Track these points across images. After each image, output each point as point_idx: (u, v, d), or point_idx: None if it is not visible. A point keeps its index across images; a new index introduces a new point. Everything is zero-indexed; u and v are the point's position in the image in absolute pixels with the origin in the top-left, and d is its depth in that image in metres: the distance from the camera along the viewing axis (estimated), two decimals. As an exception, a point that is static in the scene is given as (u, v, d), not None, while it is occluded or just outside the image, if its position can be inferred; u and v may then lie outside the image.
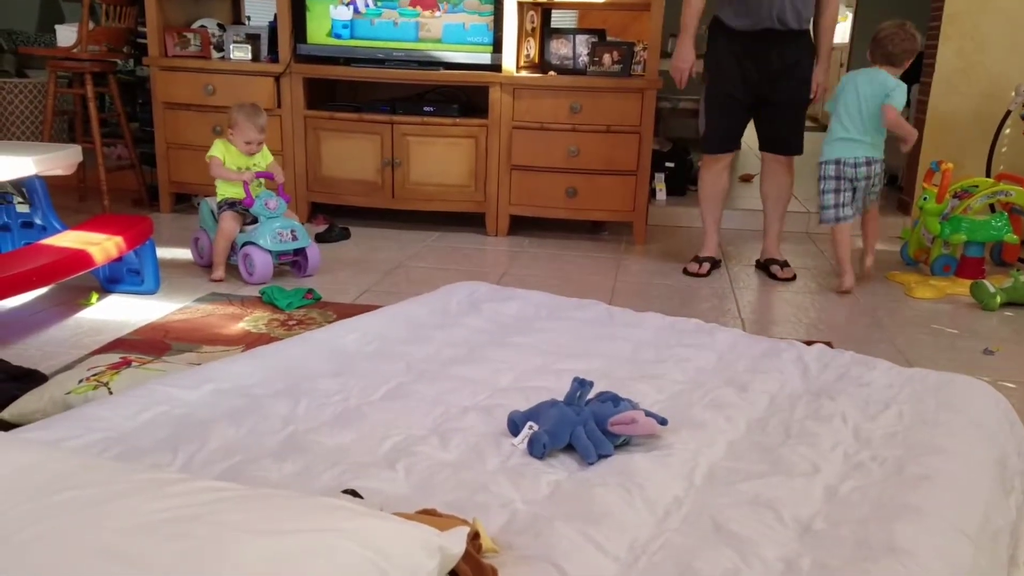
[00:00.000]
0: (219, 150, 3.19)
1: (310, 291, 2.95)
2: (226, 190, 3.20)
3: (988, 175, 3.95)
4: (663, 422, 1.43)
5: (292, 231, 3.12)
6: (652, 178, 4.23)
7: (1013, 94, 3.95)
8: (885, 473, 1.38)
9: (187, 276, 3.16)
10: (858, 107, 3.26)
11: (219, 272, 3.12)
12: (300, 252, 3.19)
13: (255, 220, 3.14)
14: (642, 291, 3.36)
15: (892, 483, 1.34)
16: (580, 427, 1.37)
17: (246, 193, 3.13)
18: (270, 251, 3.08)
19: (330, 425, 1.47)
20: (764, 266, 3.61)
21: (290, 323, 2.69)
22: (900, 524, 1.19)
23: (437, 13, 3.98)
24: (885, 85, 3.22)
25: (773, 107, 3.38)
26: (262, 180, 3.21)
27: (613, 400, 1.45)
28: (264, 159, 3.27)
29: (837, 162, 3.30)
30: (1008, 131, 4.08)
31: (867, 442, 1.51)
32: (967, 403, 1.67)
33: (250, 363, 1.74)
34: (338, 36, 4.06)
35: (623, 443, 1.40)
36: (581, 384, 1.46)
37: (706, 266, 3.53)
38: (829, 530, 1.21)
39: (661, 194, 4.64)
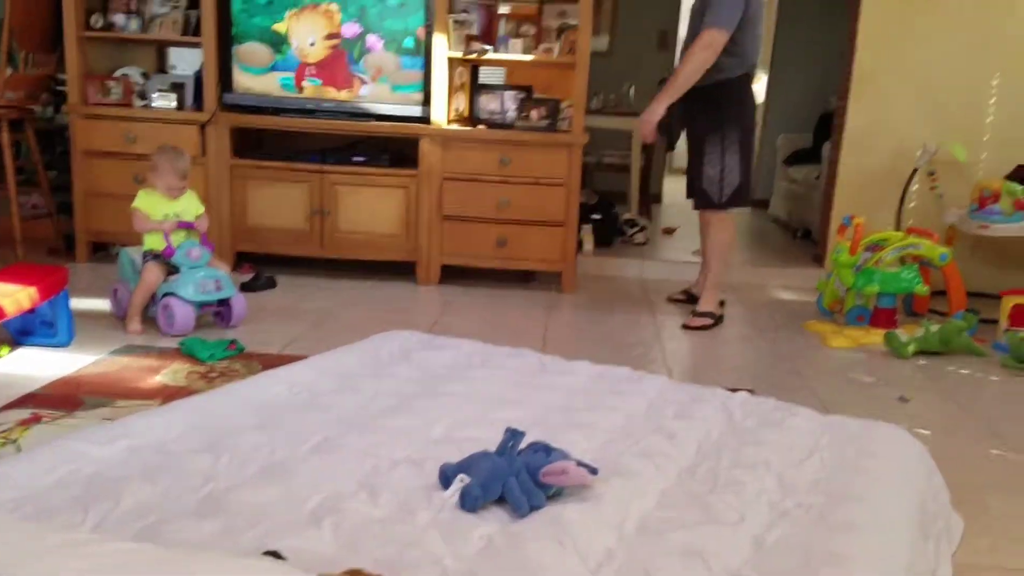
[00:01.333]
0: (142, 201, 3.11)
1: (233, 342, 2.87)
2: (151, 241, 3.10)
3: (898, 229, 4.15)
4: (594, 471, 1.43)
5: (216, 281, 3.04)
6: (579, 229, 4.31)
7: (919, 152, 4.18)
8: (810, 520, 1.41)
9: (102, 328, 3.05)
10: None
11: (135, 324, 3.01)
12: (225, 303, 3.12)
13: (179, 271, 3.05)
14: (573, 339, 3.39)
15: (817, 531, 1.36)
16: (512, 478, 1.36)
17: (166, 243, 3.05)
18: (192, 302, 2.99)
19: (253, 482, 1.42)
20: (691, 299, 3.84)
21: (211, 375, 2.61)
22: (827, 572, 1.21)
23: (362, 90, 4.01)
24: None
25: None
26: (186, 230, 3.12)
27: (545, 450, 1.45)
28: (192, 206, 3.18)
29: None
30: (915, 187, 4.31)
31: (792, 489, 1.53)
32: (886, 450, 1.73)
33: (167, 417, 1.67)
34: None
35: (555, 494, 1.40)
36: (513, 434, 1.45)
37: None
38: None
39: (588, 245, 4.72)
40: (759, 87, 9.00)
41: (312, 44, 3.98)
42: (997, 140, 4.36)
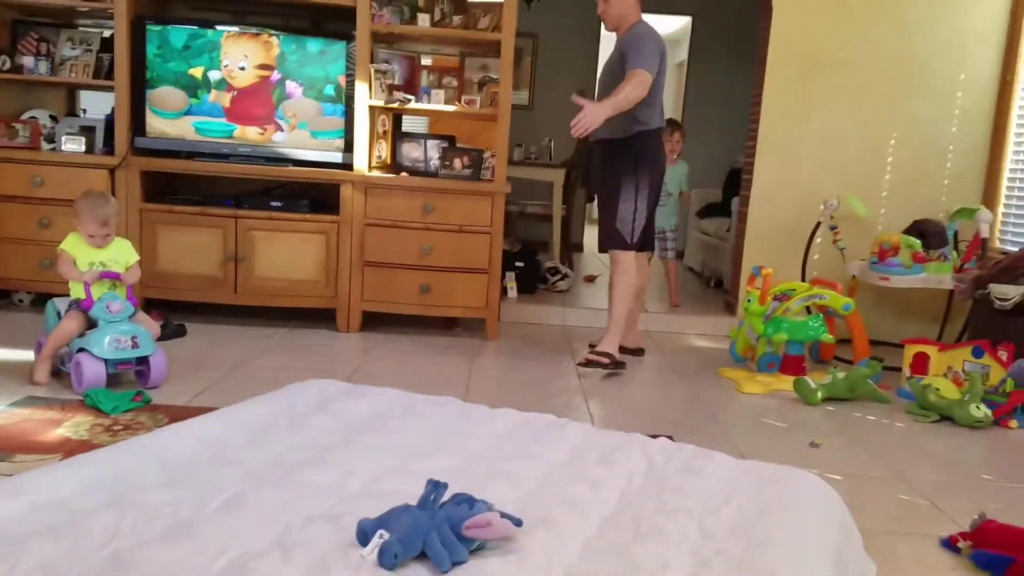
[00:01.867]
0: (70, 244, 2.92)
1: (139, 393, 2.75)
2: (75, 290, 2.92)
3: (803, 279, 4.31)
4: (518, 523, 1.41)
5: (133, 337, 2.85)
6: (503, 277, 4.34)
7: (822, 207, 4.37)
8: (730, 568, 1.42)
9: (2, 378, 2.88)
10: None
11: (40, 374, 2.84)
12: (144, 361, 2.92)
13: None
14: (496, 386, 3.37)
15: (739, 577, 1.37)
16: (434, 533, 1.33)
17: (86, 294, 2.87)
18: (104, 359, 2.81)
19: (159, 540, 1.35)
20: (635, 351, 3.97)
21: (115, 428, 2.49)
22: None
23: (281, 135, 3.98)
24: None
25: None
26: (112, 280, 2.94)
27: (468, 502, 1.42)
28: (123, 254, 3.00)
29: None
30: (819, 240, 4.50)
31: (712, 536, 1.55)
32: (801, 496, 1.76)
33: (69, 473, 1.58)
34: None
35: (478, 547, 1.37)
36: (435, 487, 1.42)
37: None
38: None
39: (512, 292, 4.75)
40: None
41: (243, 68, 3.92)
42: (895, 196, 4.61)
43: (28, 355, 2.98)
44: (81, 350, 2.83)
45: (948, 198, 4.59)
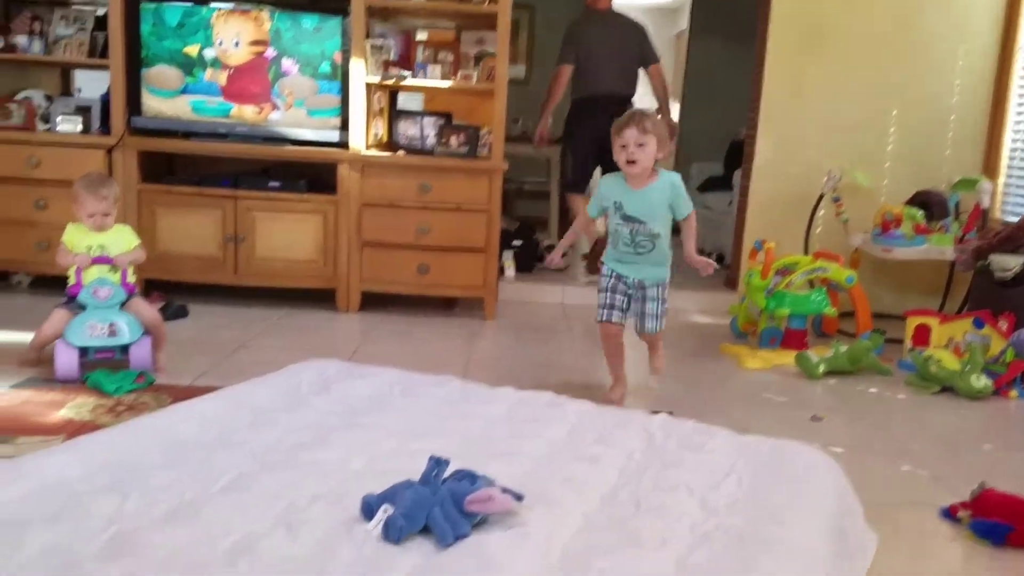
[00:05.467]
0: (68, 234, 2.85)
1: (142, 374, 2.75)
2: (73, 278, 2.86)
3: (806, 253, 4.30)
4: (519, 498, 1.42)
5: (110, 325, 2.75)
6: (501, 256, 4.32)
7: (825, 179, 4.35)
8: (730, 542, 1.42)
9: (2, 360, 2.88)
10: None
11: (27, 361, 2.79)
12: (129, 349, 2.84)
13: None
14: (495, 365, 3.38)
15: (737, 554, 1.38)
16: (437, 507, 1.34)
17: (76, 279, 2.81)
18: (79, 347, 2.73)
19: (162, 523, 1.36)
20: None
21: (119, 409, 2.49)
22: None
23: (278, 114, 3.96)
24: None
25: None
26: (107, 266, 2.85)
27: (469, 478, 1.43)
28: (122, 239, 2.90)
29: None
30: (822, 212, 4.48)
31: (712, 511, 1.55)
32: (801, 469, 1.77)
33: (70, 455, 1.59)
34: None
35: (480, 522, 1.38)
36: (437, 463, 1.43)
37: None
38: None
39: (510, 271, 4.74)
40: (676, 109, 9.28)
41: (236, 45, 3.89)
42: (897, 167, 4.59)
43: (28, 337, 2.97)
44: (61, 338, 2.75)
45: (950, 168, 4.56)
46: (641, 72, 4.70)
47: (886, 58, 4.50)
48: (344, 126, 3.95)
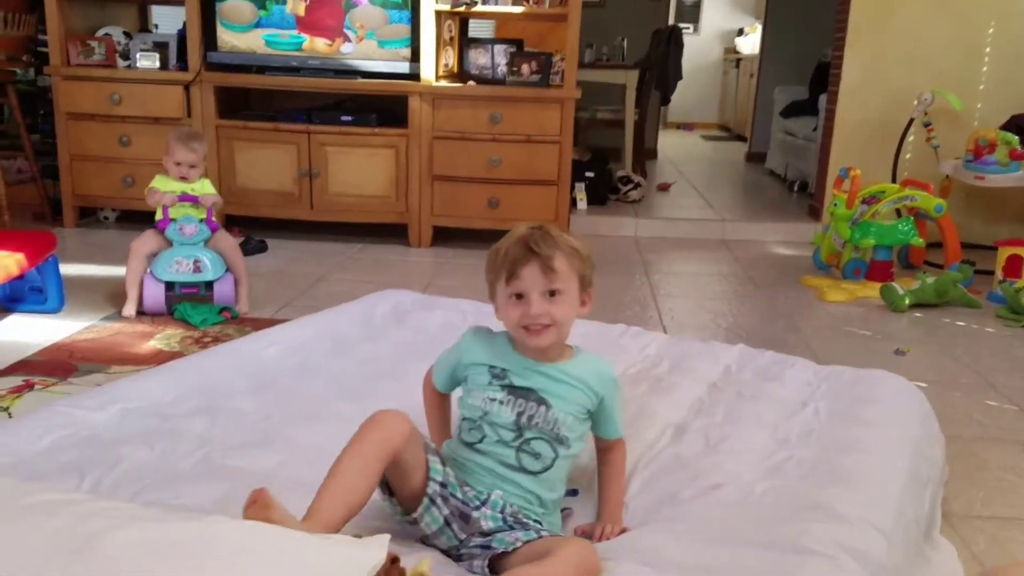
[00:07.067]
0: (157, 182, 2.92)
1: (226, 308, 2.84)
2: (160, 213, 2.92)
3: (894, 181, 4.12)
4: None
5: (195, 261, 2.83)
6: (573, 188, 4.26)
7: (915, 102, 4.13)
8: (801, 473, 1.40)
9: (93, 294, 3.01)
10: None
11: (129, 307, 2.82)
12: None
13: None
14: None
15: (807, 483, 1.35)
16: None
17: (163, 215, 2.89)
18: (164, 281, 2.81)
19: (249, 447, 1.41)
20: None
21: (205, 340, 2.59)
22: (814, 525, 1.20)
23: (349, 46, 3.93)
24: None
25: None
26: (189, 204, 2.91)
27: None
28: (206, 190, 2.96)
29: None
30: (912, 138, 4.27)
31: (784, 442, 1.53)
32: (882, 397, 1.72)
33: (160, 380, 1.66)
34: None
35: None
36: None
37: None
38: (743, 533, 1.21)
39: (582, 203, 4.69)
40: (754, 39, 8.89)
41: None
42: (992, 90, 4.31)
43: (118, 271, 3.08)
44: (149, 273, 2.85)
45: (1052, 90, 4.27)
46: None
47: (986, -30, 4.19)
48: (415, 57, 3.92)
